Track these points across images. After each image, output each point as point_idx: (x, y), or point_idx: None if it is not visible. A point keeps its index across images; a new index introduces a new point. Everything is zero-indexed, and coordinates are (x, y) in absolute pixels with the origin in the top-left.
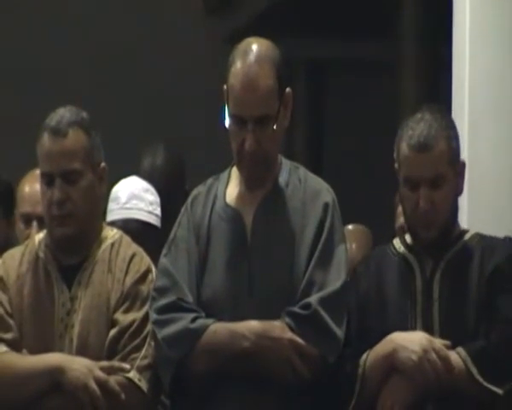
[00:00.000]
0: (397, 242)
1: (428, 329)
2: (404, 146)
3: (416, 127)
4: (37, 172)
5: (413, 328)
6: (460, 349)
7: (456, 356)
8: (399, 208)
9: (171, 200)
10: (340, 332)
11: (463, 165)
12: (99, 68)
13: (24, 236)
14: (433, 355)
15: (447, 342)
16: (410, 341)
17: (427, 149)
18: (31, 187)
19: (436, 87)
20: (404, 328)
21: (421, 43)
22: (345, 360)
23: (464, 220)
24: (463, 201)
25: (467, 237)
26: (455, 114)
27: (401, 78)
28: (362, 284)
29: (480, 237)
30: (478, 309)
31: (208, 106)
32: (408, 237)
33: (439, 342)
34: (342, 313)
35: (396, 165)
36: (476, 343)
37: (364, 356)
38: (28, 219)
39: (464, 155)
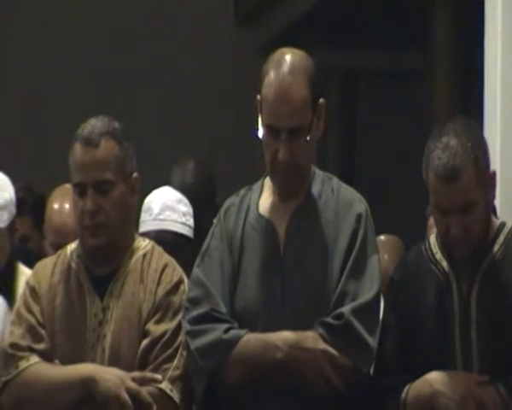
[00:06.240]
0: (434, 244)
1: (467, 356)
2: (431, 175)
3: (442, 156)
4: (67, 188)
5: (452, 354)
6: (500, 385)
7: (495, 394)
8: (431, 220)
9: (202, 216)
10: (372, 342)
11: (494, 175)
12: (128, 80)
13: None
14: (472, 404)
15: (485, 378)
16: (449, 386)
17: (454, 180)
18: (60, 216)
19: (467, 97)
20: (443, 354)
21: (452, 54)
22: (384, 391)
23: None
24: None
25: (504, 233)
26: (487, 125)
27: (432, 88)
28: (400, 297)
29: None
30: None
31: (239, 116)
32: None
33: (474, 379)
34: (375, 323)
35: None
36: None
37: (404, 394)
38: (59, 248)
39: (496, 166)
